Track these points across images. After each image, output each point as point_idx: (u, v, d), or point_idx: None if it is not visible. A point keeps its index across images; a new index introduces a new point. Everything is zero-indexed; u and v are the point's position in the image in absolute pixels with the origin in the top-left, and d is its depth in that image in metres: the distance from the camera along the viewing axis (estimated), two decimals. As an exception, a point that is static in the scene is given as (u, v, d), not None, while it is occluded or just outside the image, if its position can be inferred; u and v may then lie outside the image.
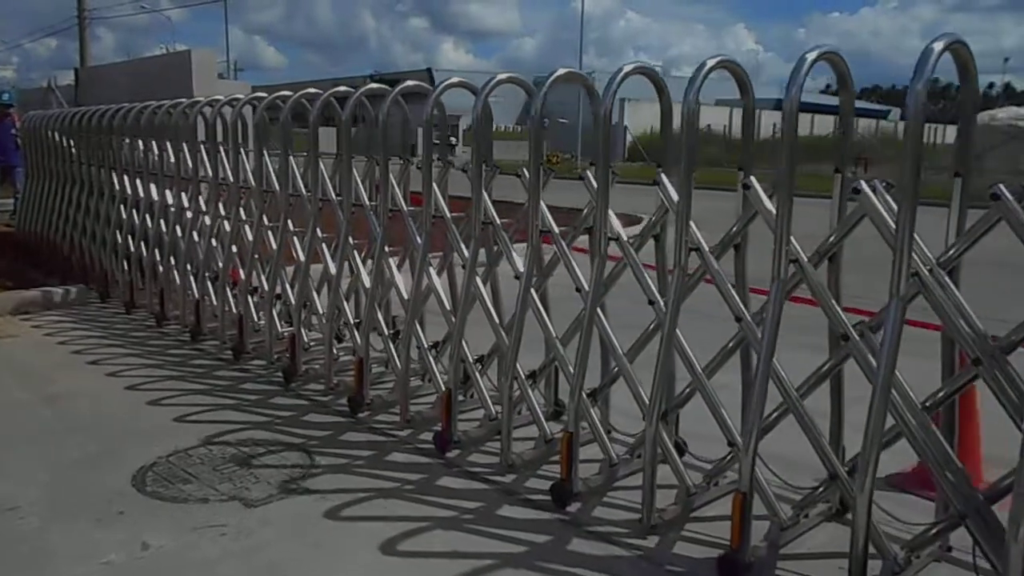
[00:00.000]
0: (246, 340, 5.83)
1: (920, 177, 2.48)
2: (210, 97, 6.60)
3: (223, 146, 6.39)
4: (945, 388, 2.78)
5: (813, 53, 2.81)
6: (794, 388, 3.09)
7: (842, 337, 2.93)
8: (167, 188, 6.88)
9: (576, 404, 3.50)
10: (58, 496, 3.73)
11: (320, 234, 5.30)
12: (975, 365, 2.60)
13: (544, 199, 3.89)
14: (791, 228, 2.87)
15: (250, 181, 5.96)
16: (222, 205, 6.28)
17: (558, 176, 4.33)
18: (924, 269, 2.66)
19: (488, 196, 4.28)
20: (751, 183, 3.17)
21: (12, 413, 4.89)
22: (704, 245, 3.28)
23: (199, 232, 6.52)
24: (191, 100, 6.77)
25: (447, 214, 4.53)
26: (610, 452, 3.74)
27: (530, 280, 3.85)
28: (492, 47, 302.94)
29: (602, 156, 3.44)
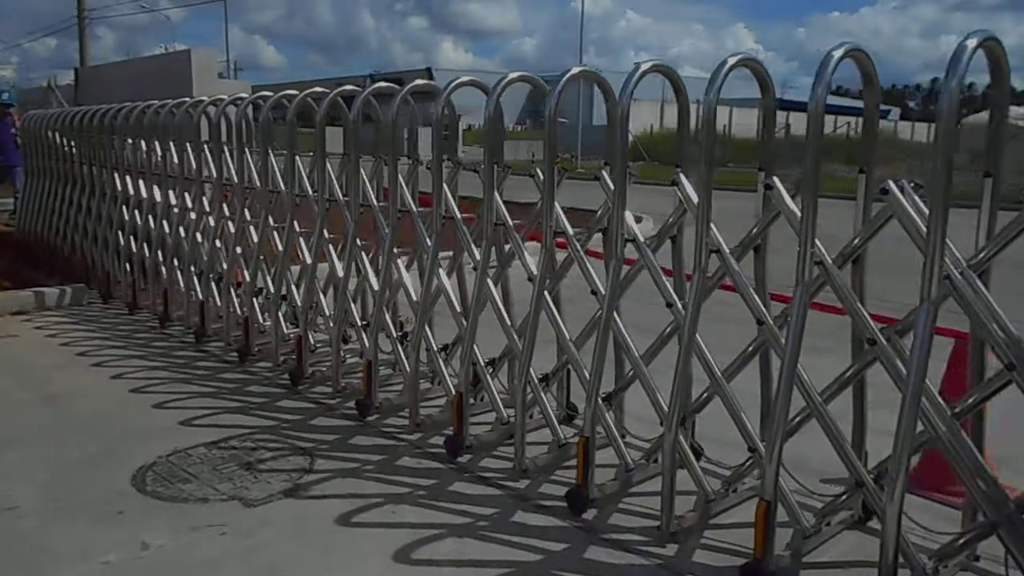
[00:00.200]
0: (252, 342, 5.75)
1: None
2: (214, 96, 6.54)
3: (227, 146, 6.33)
4: (975, 394, 2.71)
5: (839, 50, 2.74)
6: (817, 393, 3.02)
7: (869, 341, 2.86)
8: (170, 189, 6.81)
9: (593, 409, 3.43)
10: (58, 496, 3.70)
11: (327, 235, 5.24)
12: (1008, 371, 2.53)
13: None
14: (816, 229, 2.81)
15: (255, 181, 5.89)
16: (226, 206, 6.21)
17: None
18: (955, 272, 2.59)
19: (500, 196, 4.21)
20: (774, 183, 3.10)
21: (12, 413, 4.84)
22: (724, 247, 3.21)
23: (203, 233, 6.45)
24: (195, 99, 6.70)
25: (457, 215, 4.47)
26: (626, 457, 3.67)
27: (544, 282, 3.79)
28: (492, 47, 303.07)
29: (620, 156, 3.37)
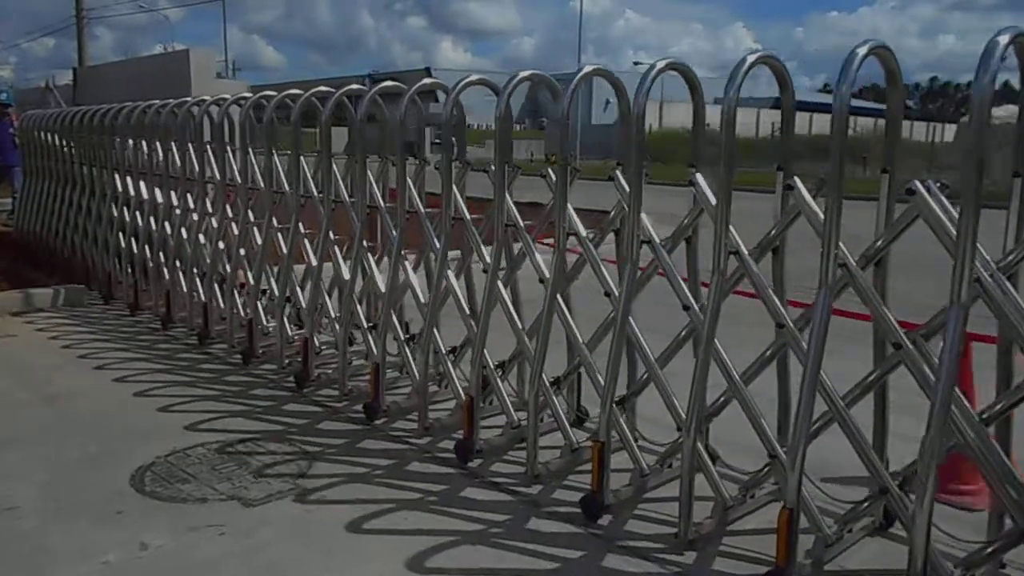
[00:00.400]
0: (256, 344, 5.69)
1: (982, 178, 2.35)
2: (216, 96, 6.47)
3: (230, 146, 6.26)
4: (1003, 400, 2.65)
5: (863, 48, 2.67)
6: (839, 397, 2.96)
7: (894, 346, 2.80)
8: (172, 189, 6.74)
9: (608, 413, 3.37)
10: (57, 496, 3.68)
11: (332, 236, 5.17)
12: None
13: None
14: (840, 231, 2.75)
15: (258, 182, 5.83)
16: (229, 207, 6.15)
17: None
18: (985, 274, 2.53)
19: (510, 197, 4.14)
20: (795, 183, 3.04)
21: (11, 413, 4.80)
22: (743, 248, 3.15)
23: (205, 234, 6.38)
24: (197, 98, 6.63)
25: (467, 216, 4.40)
26: (641, 462, 3.61)
27: (558, 285, 3.73)
28: (491, 46, 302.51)
29: (635, 157, 3.31)
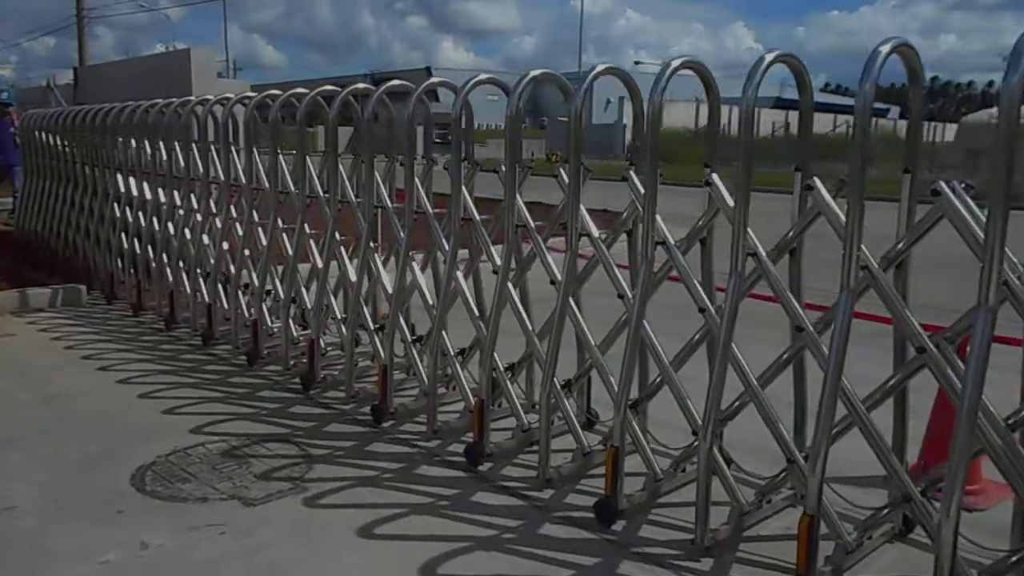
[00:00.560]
0: (261, 345, 5.64)
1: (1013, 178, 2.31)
2: (219, 95, 6.42)
3: (234, 146, 6.21)
4: (1030, 404, 2.60)
5: (886, 46, 2.63)
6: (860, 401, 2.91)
7: (918, 350, 2.75)
8: (175, 189, 6.68)
9: (622, 417, 3.32)
10: (57, 496, 3.66)
11: (338, 236, 5.12)
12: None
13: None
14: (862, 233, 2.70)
15: (263, 182, 5.78)
16: (233, 207, 6.09)
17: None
18: (1013, 276, 2.49)
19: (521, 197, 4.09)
20: (815, 184, 2.99)
21: (12, 413, 4.78)
22: (761, 250, 3.10)
23: (209, 234, 6.33)
24: (200, 97, 6.58)
25: (476, 216, 4.35)
26: (655, 467, 3.56)
27: (570, 287, 3.68)
28: (492, 46, 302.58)
29: (651, 157, 3.26)
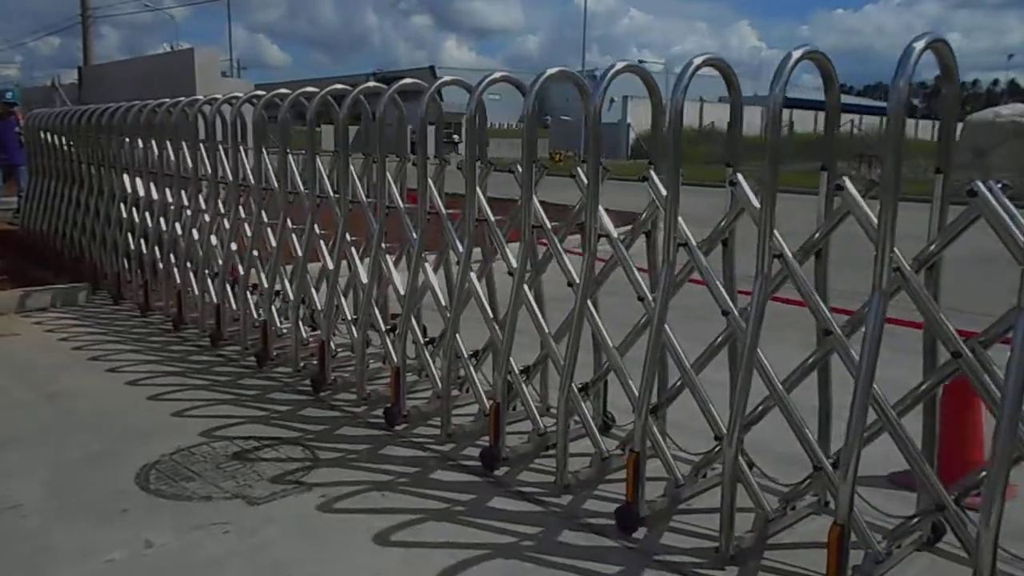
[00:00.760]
0: (271, 347, 5.58)
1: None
2: (228, 94, 6.36)
3: (243, 145, 6.15)
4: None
5: (920, 42, 2.56)
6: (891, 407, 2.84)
7: (953, 354, 2.68)
8: (182, 189, 6.63)
9: (643, 421, 3.25)
10: (61, 494, 3.65)
11: (349, 237, 5.06)
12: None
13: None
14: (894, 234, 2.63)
15: (272, 182, 5.72)
16: (242, 207, 6.04)
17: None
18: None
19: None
20: (845, 184, 2.91)
21: (16, 412, 4.75)
22: (787, 252, 3.03)
23: (217, 234, 6.27)
24: (208, 96, 6.51)
25: (490, 217, 4.29)
26: (675, 472, 3.49)
27: (588, 289, 3.61)
28: (495, 45, 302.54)
29: (673, 156, 3.19)
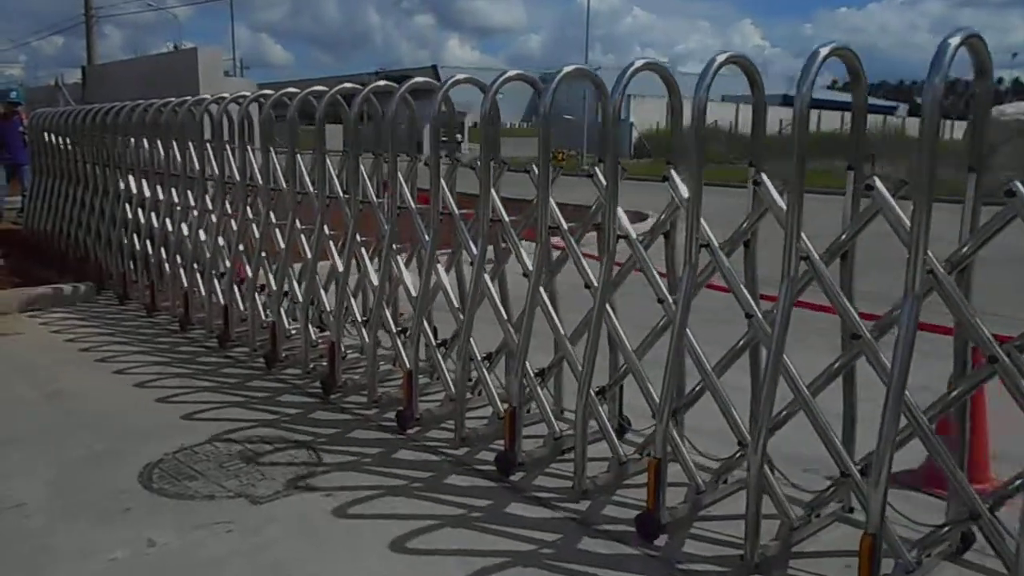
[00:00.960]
0: (279, 348, 5.52)
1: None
2: (235, 93, 6.29)
3: (250, 145, 6.09)
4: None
5: (956, 38, 2.49)
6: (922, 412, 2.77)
7: (989, 359, 2.61)
8: (188, 189, 6.56)
9: (665, 427, 3.19)
10: (64, 493, 3.65)
11: (359, 238, 5.00)
12: None
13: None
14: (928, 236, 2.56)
15: (280, 182, 5.65)
16: (249, 208, 5.97)
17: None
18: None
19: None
20: (875, 184, 2.84)
21: (20, 411, 4.73)
22: (814, 254, 2.96)
23: (224, 235, 6.21)
24: (216, 95, 6.45)
25: (505, 218, 4.22)
26: (696, 478, 3.42)
27: (607, 292, 3.54)
28: (498, 43, 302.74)
29: (696, 156, 3.12)
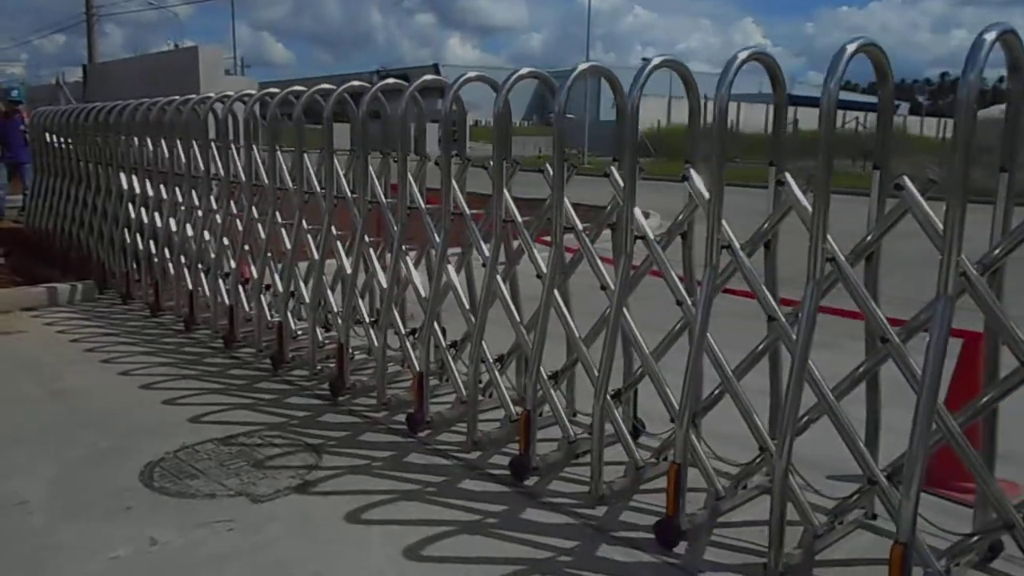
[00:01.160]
0: (286, 349, 5.45)
1: None
2: (240, 92, 6.22)
3: (255, 144, 6.02)
4: None
5: (991, 34, 2.44)
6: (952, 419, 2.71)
7: (1023, 363, 2.55)
8: (192, 188, 6.49)
9: (685, 431, 3.12)
10: (66, 492, 3.64)
11: (368, 238, 4.93)
12: None
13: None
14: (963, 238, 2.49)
15: (286, 181, 5.59)
16: (255, 208, 5.91)
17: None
18: None
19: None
20: (905, 183, 2.77)
21: (21, 409, 4.70)
22: (840, 255, 2.89)
23: (228, 235, 6.14)
24: (221, 94, 6.38)
25: (518, 218, 4.15)
26: (716, 484, 3.36)
27: (624, 293, 3.47)
28: (499, 42, 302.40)
29: (717, 155, 3.05)
